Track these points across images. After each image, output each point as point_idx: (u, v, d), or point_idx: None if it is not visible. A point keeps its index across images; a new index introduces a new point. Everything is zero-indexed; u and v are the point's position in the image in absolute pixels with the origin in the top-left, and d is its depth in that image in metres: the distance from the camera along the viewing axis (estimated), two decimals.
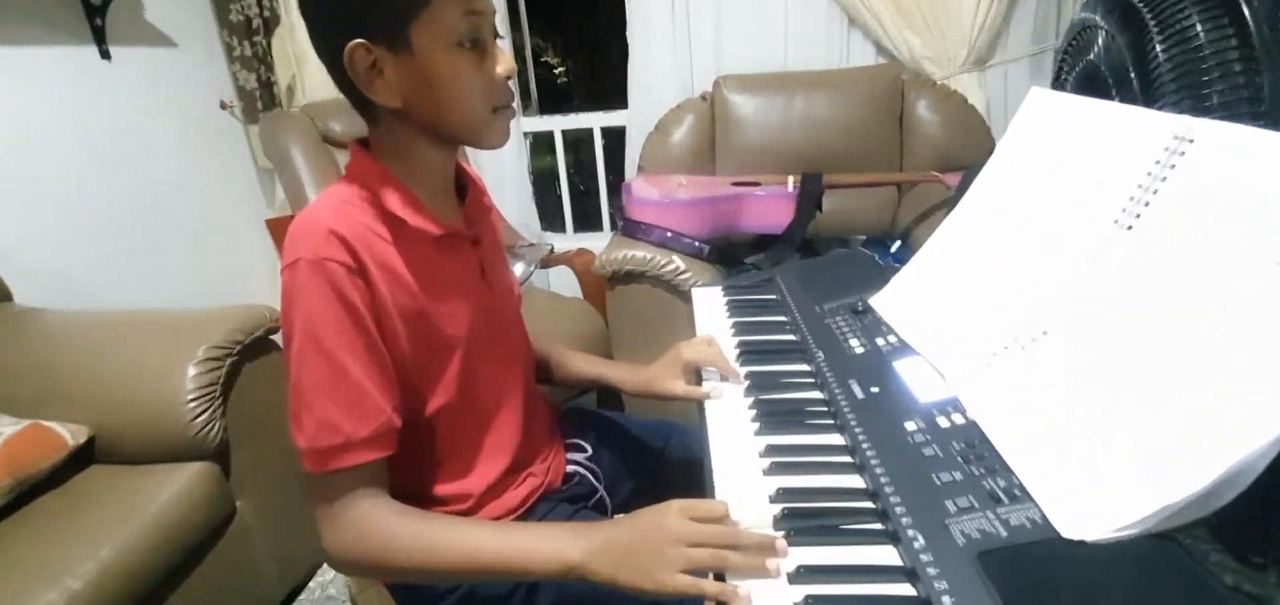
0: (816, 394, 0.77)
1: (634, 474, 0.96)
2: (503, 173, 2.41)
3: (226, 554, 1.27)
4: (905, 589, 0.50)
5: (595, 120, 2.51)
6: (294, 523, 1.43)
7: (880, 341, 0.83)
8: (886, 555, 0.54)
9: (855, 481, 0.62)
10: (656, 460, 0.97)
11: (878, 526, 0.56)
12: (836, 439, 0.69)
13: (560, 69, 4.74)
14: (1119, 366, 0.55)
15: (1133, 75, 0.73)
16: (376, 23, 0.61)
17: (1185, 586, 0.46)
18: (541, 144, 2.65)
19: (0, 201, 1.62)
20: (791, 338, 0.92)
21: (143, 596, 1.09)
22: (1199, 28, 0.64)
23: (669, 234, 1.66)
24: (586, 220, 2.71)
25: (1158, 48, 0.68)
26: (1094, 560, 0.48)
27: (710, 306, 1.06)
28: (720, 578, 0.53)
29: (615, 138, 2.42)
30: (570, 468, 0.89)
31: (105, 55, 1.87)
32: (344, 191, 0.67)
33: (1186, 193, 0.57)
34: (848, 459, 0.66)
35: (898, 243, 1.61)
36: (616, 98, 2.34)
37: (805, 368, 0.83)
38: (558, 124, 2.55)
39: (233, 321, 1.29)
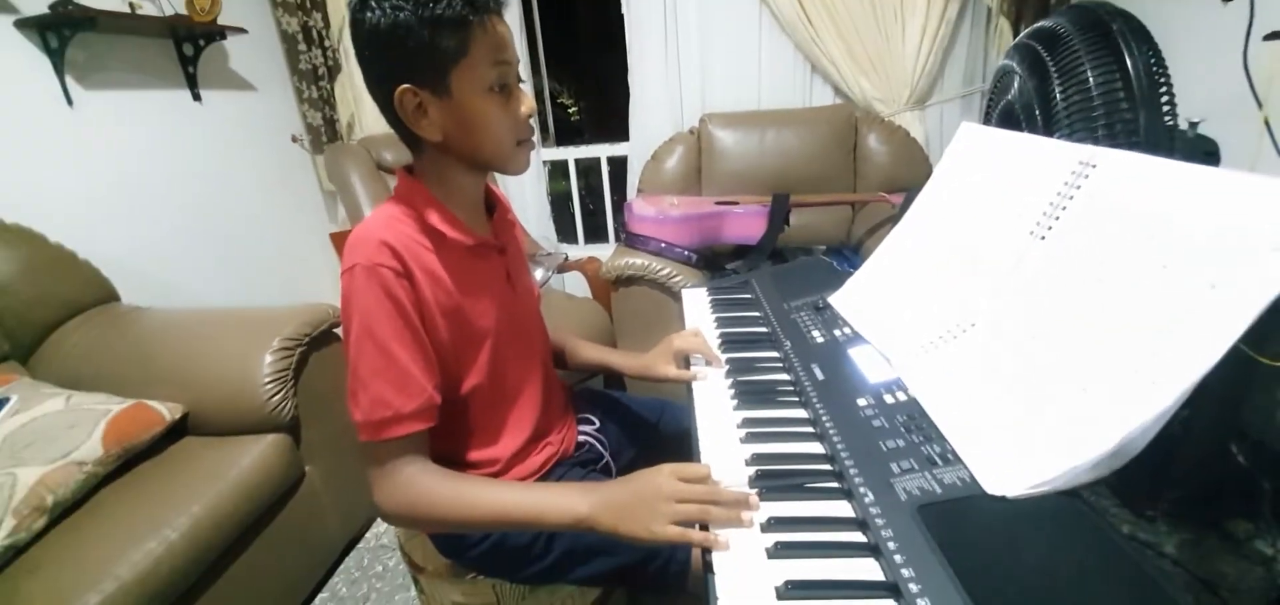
0: (784, 376, 0.77)
1: (634, 443, 0.96)
2: (525, 194, 2.40)
3: (297, 510, 1.26)
4: (857, 536, 0.50)
5: (602, 150, 2.50)
6: (353, 484, 1.42)
7: (837, 332, 0.83)
8: (842, 508, 0.54)
9: (816, 448, 0.62)
10: (652, 432, 0.97)
11: (835, 485, 0.56)
12: (801, 413, 0.69)
13: (573, 108, 4.72)
14: (1034, 353, 0.55)
15: (1037, 112, 0.73)
16: (422, 72, 0.61)
17: (1089, 535, 0.46)
18: (557, 170, 2.64)
19: (110, 219, 1.61)
20: (764, 330, 0.92)
21: (228, 545, 1.09)
22: (1091, 75, 0.65)
23: (663, 245, 1.65)
24: (595, 233, 2.70)
25: (1057, 90, 0.69)
26: (1014, 513, 0.49)
27: (697, 304, 1.06)
28: (705, 528, 0.53)
29: (619, 165, 2.41)
30: (581, 437, 0.89)
31: (197, 98, 1.87)
32: (393, 209, 0.67)
33: (1090, 208, 0.57)
34: (810, 429, 0.66)
35: (852, 251, 1.61)
36: (620, 132, 2.33)
37: (775, 354, 0.83)
38: (571, 154, 2.54)
39: (302, 317, 1.29)
